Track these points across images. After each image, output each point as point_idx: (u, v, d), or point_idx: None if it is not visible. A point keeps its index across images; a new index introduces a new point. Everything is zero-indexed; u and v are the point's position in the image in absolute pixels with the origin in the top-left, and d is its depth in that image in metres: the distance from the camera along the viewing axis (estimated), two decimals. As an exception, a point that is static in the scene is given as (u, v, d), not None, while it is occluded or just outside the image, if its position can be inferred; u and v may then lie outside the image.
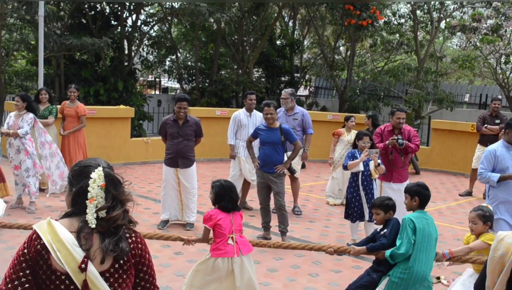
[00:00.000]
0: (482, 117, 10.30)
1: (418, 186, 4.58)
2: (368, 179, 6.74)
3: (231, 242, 4.40)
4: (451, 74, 21.66)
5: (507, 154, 5.60)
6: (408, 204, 4.56)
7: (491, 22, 15.54)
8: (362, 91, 17.81)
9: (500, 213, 5.51)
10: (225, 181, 4.67)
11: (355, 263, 6.27)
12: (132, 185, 2.34)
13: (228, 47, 19.59)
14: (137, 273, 2.18)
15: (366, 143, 6.74)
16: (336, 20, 17.59)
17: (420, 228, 4.28)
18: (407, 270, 4.22)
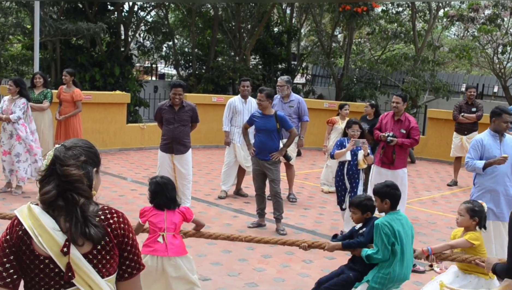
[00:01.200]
0: (458, 105, 10.39)
1: (387, 187, 4.36)
2: (354, 168, 6.60)
3: (161, 241, 4.26)
4: (448, 63, 21.66)
5: (494, 143, 5.59)
6: (379, 206, 4.38)
7: (488, 12, 15.52)
8: (359, 80, 17.80)
9: (486, 202, 5.50)
10: (161, 177, 4.53)
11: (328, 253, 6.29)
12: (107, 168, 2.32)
13: (225, 34, 19.52)
14: (121, 253, 2.18)
15: (356, 131, 6.60)
16: (333, 8, 17.52)
17: (398, 231, 4.15)
18: (388, 275, 4.13)
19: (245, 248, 6.19)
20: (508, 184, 5.59)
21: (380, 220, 4.24)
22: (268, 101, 6.91)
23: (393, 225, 4.16)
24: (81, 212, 2.06)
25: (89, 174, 2.14)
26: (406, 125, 7.08)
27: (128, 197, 8.22)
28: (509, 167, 5.57)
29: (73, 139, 2.26)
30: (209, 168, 10.89)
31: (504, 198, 5.56)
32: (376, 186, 4.47)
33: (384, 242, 4.11)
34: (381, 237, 4.13)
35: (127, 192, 8.56)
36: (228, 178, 8.67)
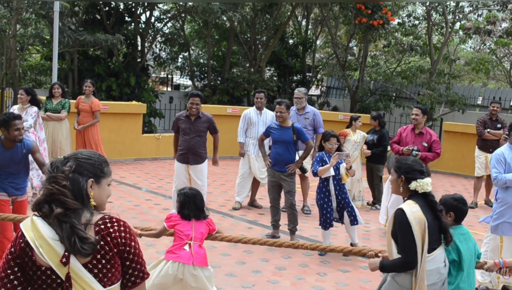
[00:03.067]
0: (482, 121, 9.84)
1: (455, 200, 4.16)
2: (340, 183, 6.41)
3: (187, 249, 4.28)
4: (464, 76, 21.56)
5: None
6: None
7: (506, 25, 15.43)
8: (373, 92, 17.76)
9: (506, 216, 5.41)
10: (190, 189, 4.60)
11: (363, 263, 6.27)
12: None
13: (240, 45, 19.61)
14: (123, 262, 2.19)
15: (334, 144, 6.39)
16: (348, 20, 17.56)
17: (461, 248, 3.99)
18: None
19: (259, 260, 6.18)
20: None
21: None
22: (288, 113, 6.97)
23: (455, 241, 3.99)
24: (70, 223, 2.09)
25: (79, 185, 2.17)
26: (428, 138, 7.10)
27: (143, 207, 8.26)
28: None
29: (78, 150, 2.32)
30: (223, 179, 10.91)
31: None
32: (443, 197, 4.31)
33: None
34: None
35: (142, 202, 8.61)
36: (242, 189, 8.68)
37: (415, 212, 3.47)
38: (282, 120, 6.91)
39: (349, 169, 6.30)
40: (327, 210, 6.42)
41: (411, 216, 3.44)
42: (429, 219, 3.51)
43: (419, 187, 3.59)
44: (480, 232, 7.18)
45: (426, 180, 3.62)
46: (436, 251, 3.59)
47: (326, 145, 6.43)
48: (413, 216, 3.45)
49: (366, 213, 8.82)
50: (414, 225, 3.41)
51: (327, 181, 6.40)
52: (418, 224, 3.42)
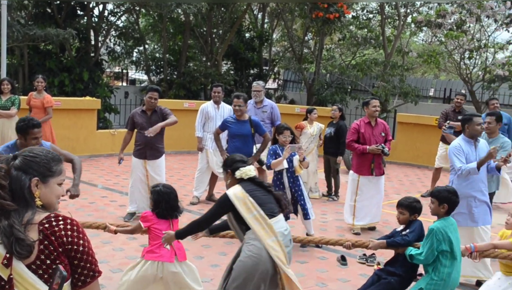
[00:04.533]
0: (445, 113, 9.80)
1: (449, 192, 4.36)
2: (294, 175, 6.38)
3: (168, 247, 4.24)
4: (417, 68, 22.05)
5: (470, 149, 5.56)
6: (435, 209, 4.36)
7: (455, 17, 15.85)
8: (329, 85, 17.98)
9: (461, 208, 5.39)
10: (164, 186, 4.47)
11: (320, 254, 6.35)
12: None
13: (196, 39, 19.48)
14: (71, 261, 2.12)
15: (287, 137, 6.32)
16: (304, 13, 17.67)
17: (452, 238, 4.17)
18: (442, 281, 4.12)
19: (217, 254, 6.18)
20: (484, 189, 5.59)
21: (435, 225, 4.23)
22: (246, 106, 6.96)
23: (447, 232, 4.16)
24: (9, 224, 2.02)
25: (21, 183, 2.10)
26: (382, 128, 7.23)
27: (98, 204, 8.12)
28: (483, 172, 5.57)
29: (30, 147, 2.25)
30: (181, 174, 10.84)
31: (480, 203, 5.54)
32: (437, 189, 4.49)
33: (433, 247, 4.13)
34: (431, 241, 4.14)
35: (98, 199, 8.46)
36: (200, 184, 8.64)
37: (236, 192, 3.98)
38: (240, 114, 6.90)
39: (302, 161, 6.26)
40: None
41: (233, 196, 3.97)
42: (262, 194, 4.06)
43: (244, 174, 4.08)
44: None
45: (248, 167, 4.13)
46: (277, 217, 4.03)
47: (279, 138, 6.37)
48: (234, 195, 3.97)
49: (323, 204, 8.93)
50: (235, 201, 3.95)
51: (281, 174, 6.36)
52: (238, 200, 3.96)
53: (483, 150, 5.57)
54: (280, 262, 3.89)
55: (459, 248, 4.24)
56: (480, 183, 5.55)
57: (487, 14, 15.28)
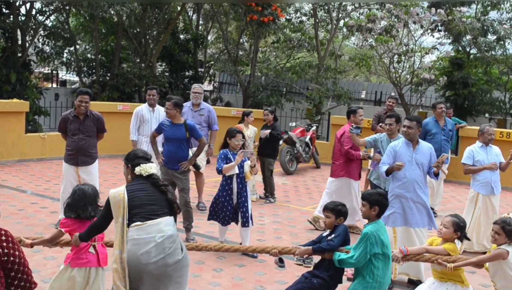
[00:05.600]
0: (377, 115, 10.22)
1: (379, 195, 4.39)
2: (243, 181, 6.29)
3: (93, 251, 4.15)
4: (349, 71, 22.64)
5: (407, 150, 5.73)
6: (366, 212, 4.36)
7: (384, 23, 16.40)
8: (265, 87, 18.14)
9: (395, 207, 5.66)
10: (83, 185, 4.37)
11: (259, 257, 6.38)
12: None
13: (130, 40, 19.10)
14: (7, 273, 2.06)
15: (240, 141, 6.26)
16: (239, 16, 17.74)
17: (384, 241, 4.24)
18: (377, 283, 4.18)
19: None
20: (419, 191, 5.64)
21: (369, 229, 4.24)
22: (176, 110, 6.84)
23: (380, 235, 4.22)
24: None
25: None
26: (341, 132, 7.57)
27: (28, 211, 7.79)
28: (419, 175, 5.67)
29: None
30: (115, 178, 10.59)
31: (414, 205, 5.63)
32: (368, 192, 4.52)
33: (366, 250, 4.16)
34: (365, 245, 4.17)
35: (27, 205, 8.11)
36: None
37: (116, 193, 3.89)
38: (170, 117, 6.83)
39: (253, 167, 6.22)
40: (227, 208, 6.30)
41: (112, 196, 3.88)
42: (148, 194, 3.92)
43: (143, 171, 4.02)
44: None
45: (148, 164, 4.06)
46: (155, 220, 3.79)
47: (231, 142, 6.27)
48: (113, 196, 3.87)
49: (260, 206, 8.99)
50: (111, 202, 3.86)
51: (231, 179, 6.27)
52: (114, 202, 3.85)
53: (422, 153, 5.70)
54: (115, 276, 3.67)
55: (389, 249, 4.35)
56: (414, 184, 5.64)
57: (414, 20, 15.90)
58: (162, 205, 3.92)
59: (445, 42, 17.19)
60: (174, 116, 6.84)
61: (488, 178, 6.85)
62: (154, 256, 3.61)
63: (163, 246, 3.64)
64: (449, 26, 15.92)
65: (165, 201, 3.95)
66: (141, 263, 3.62)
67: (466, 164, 6.98)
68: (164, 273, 3.65)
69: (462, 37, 16.49)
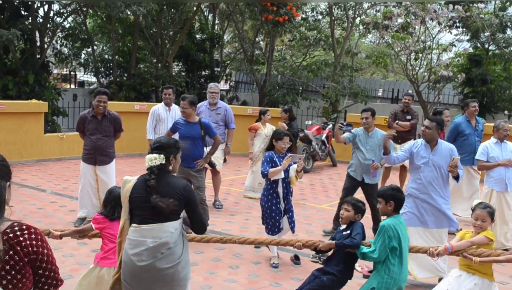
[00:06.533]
0: (394, 113, 10.13)
1: (393, 190, 4.39)
2: (288, 186, 6.00)
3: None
4: (365, 69, 22.51)
5: (425, 152, 5.61)
6: (383, 208, 4.37)
7: (401, 20, 16.27)
8: (281, 86, 18.12)
9: (408, 206, 5.58)
10: (117, 187, 4.32)
11: (274, 254, 6.39)
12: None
13: (146, 40, 19.24)
14: (36, 271, 2.09)
15: (286, 144, 5.94)
16: (255, 15, 17.75)
17: (402, 235, 4.23)
18: (393, 279, 4.17)
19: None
20: (433, 193, 5.53)
21: (386, 222, 4.25)
22: (191, 108, 6.89)
23: (397, 229, 4.21)
24: None
25: (1, 190, 2.04)
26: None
27: (47, 210, 7.89)
28: (436, 177, 5.54)
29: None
30: (132, 177, 10.67)
31: (429, 206, 5.53)
32: (382, 188, 4.53)
33: (385, 244, 4.16)
34: (383, 238, 4.18)
35: (47, 204, 8.22)
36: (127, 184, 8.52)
37: (127, 181, 3.73)
38: (185, 116, 6.87)
39: (299, 171, 5.89)
40: (276, 213, 5.94)
41: (123, 182, 3.76)
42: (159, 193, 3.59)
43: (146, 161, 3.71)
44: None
45: (151, 155, 3.68)
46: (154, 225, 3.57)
47: (278, 144, 5.94)
48: (123, 184, 3.74)
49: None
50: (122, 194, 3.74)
51: (276, 183, 5.93)
52: (123, 192, 3.72)
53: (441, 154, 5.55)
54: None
55: (407, 246, 4.32)
56: (429, 187, 5.53)
57: (431, 16, 15.76)
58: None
59: (463, 38, 17.01)
60: (190, 114, 6.88)
61: (502, 175, 6.76)
62: (144, 259, 3.55)
63: (155, 251, 3.54)
64: (467, 22, 15.74)
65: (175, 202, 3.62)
66: (132, 263, 3.60)
67: (480, 160, 6.89)
68: (153, 278, 3.57)
69: (480, 33, 16.28)
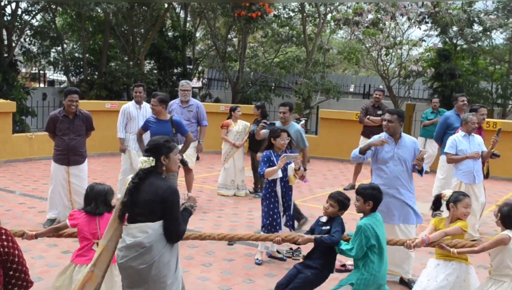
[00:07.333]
0: (365, 108, 10.20)
1: (373, 190, 4.42)
2: (287, 185, 5.92)
3: (96, 249, 4.05)
4: (337, 65, 22.68)
5: (388, 146, 5.50)
6: (361, 207, 4.39)
7: (371, 16, 16.45)
8: (254, 83, 18.13)
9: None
10: (97, 183, 4.40)
11: (247, 250, 6.40)
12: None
13: (117, 38, 19.02)
14: (6, 272, 2.07)
15: (285, 140, 5.82)
16: (227, 12, 17.72)
17: (379, 234, 4.27)
18: (372, 276, 4.22)
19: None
20: (401, 188, 5.46)
21: (363, 222, 4.29)
22: (161, 106, 6.86)
23: (375, 228, 4.26)
24: None
25: None
26: None
27: (16, 211, 7.75)
28: (402, 171, 5.47)
29: None
30: (104, 177, 10.55)
31: (396, 201, 5.44)
32: (361, 186, 4.50)
33: (362, 243, 4.22)
34: (360, 237, 4.23)
35: (15, 206, 8.07)
36: (124, 187, 8.40)
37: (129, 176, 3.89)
38: (156, 113, 6.84)
39: (297, 170, 5.82)
40: (274, 212, 5.86)
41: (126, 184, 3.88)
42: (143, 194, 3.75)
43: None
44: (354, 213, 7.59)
45: (141, 158, 3.82)
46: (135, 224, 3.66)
47: (277, 142, 5.83)
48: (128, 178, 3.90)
49: (250, 201, 9.00)
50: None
51: (274, 182, 5.86)
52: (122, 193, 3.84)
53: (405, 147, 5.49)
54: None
55: (385, 243, 4.37)
56: (395, 181, 5.45)
57: (401, 12, 15.97)
58: (147, 208, 3.66)
59: (432, 34, 17.25)
60: (160, 112, 6.85)
61: (470, 167, 6.87)
62: (123, 256, 3.64)
63: (130, 250, 3.62)
64: (436, 18, 15.98)
65: (151, 203, 3.65)
66: (117, 259, 3.71)
67: (449, 153, 6.97)
68: (132, 274, 3.65)
69: (449, 28, 16.54)
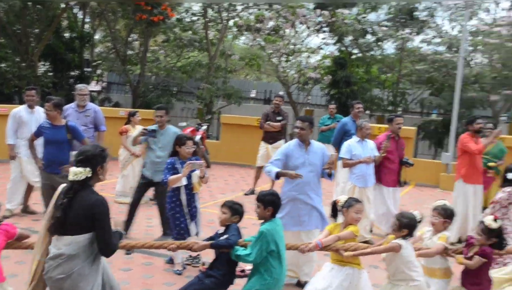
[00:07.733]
0: (265, 114, 10.33)
1: (273, 196, 4.50)
2: (191, 192, 5.85)
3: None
4: (239, 71, 22.94)
5: (299, 151, 5.65)
6: (261, 213, 4.45)
7: (272, 23, 16.84)
8: (155, 87, 17.88)
9: (287, 210, 5.58)
10: None
11: (145, 259, 6.29)
12: None
13: (9, 38, 17.94)
14: None
15: (191, 148, 5.80)
16: (128, 14, 17.33)
17: (279, 239, 4.34)
18: (274, 280, 4.28)
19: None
20: (311, 193, 5.58)
21: (265, 227, 4.33)
22: (56, 111, 6.58)
23: (274, 234, 4.32)
24: None
25: None
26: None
27: None
28: (312, 176, 5.58)
29: None
30: (-7, 185, 9.91)
31: (306, 207, 5.57)
32: (261, 193, 4.54)
33: (262, 249, 4.25)
34: (261, 243, 4.26)
35: None
36: (14, 196, 8.00)
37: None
38: (50, 119, 6.57)
39: (202, 177, 5.78)
40: (180, 220, 5.80)
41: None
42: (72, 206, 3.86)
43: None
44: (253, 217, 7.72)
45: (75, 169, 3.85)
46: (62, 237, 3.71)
47: (182, 150, 5.77)
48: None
49: (149, 208, 8.84)
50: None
51: (178, 190, 5.79)
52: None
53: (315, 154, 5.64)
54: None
55: (284, 248, 4.46)
56: (305, 187, 5.58)
57: (301, 20, 16.49)
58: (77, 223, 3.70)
59: (329, 42, 17.98)
60: (55, 117, 6.57)
61: (363, 171, 7.26)
62: (46, 267, 3.72)
63: (53, 260, 3.69)
64: (333, 27, 16.67)
65: (82, 218, 3.70)
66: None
67: (344, 158, 7.30)
68: (52, 285, 3.72)
69: (345, 37, 17.31)
